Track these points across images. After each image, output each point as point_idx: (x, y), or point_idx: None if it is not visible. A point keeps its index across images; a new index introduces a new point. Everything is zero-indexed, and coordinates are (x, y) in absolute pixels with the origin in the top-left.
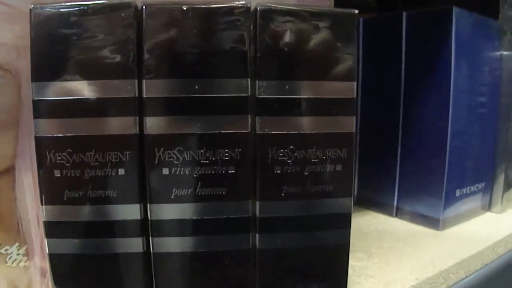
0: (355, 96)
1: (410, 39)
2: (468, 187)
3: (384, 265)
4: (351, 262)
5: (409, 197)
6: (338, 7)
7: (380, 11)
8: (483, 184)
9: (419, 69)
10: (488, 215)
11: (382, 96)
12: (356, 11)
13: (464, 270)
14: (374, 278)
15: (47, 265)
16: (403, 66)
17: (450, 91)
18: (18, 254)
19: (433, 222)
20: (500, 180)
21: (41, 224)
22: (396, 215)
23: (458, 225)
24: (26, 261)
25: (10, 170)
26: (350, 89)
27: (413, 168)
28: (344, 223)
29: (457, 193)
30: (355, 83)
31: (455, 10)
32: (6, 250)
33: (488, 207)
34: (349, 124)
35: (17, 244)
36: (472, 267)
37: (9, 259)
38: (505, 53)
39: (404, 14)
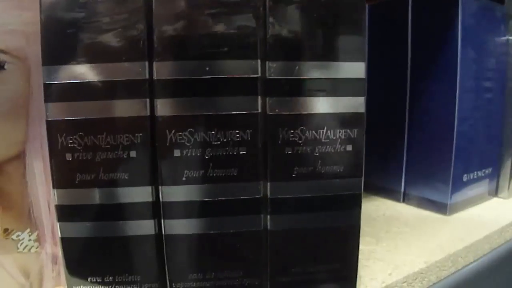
0: (364, 76)
1: (416, 25)
2: (475, 172)
3: (392, 249)
4: (360, 246)
5: (417, 182)
6: None
7: None
8: (490, 169)
9: (425, 55)
10: (495, 200)
11: (388, 82)
12: None
13: (472, 254)
14: (383, 261)
15: (58, 251)
16: (409, 52)
17: (457, 77)
18: (29, 240)
19: (440, 207)
20: (507, 165)
21: (52, 210)
22: (404, 201)
23: (465, 210)
24: (38, 247)
25: (20, 156)
26: (359, 69)
27: (420, 153)
28: (354, 203)
29: (465, 178)
30: (365, 63)
31: None
32: (18, 236)
33: (495, 192)
34: (359, 104)
35: (28, 230)
36: (480, 252)
37: (21, 245)
38: (511, 38)
39: None
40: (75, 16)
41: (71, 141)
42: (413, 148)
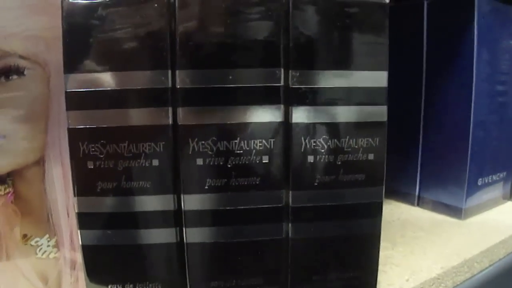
0: (386, 85)
1: (432, 28)
2: (490, 176)
3: (408, 254)
4: None
5: (431, 186)
6: None
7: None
8: (504, 173)
9: (440, 58)
10: (509, 204)
11: (403, 85)
12: (387, 0)
13: (488, 259)
14: (400, 267)
15: (76, 256)
16: (424, 54)
17: (473, 80)
18: (48, 246)
19: (455, 211)
20: None
21: (71, 216)
22: (418, 205)
23: (480, 215)
24: (56, 252)
25: (40, 162)
26: (381, 78)
27: (435, 157)
28: (375, 212)
29: (479, 182)
30: (387, 72)
31: None
32: (37, 241)
33: (509, 196)
34: (381, 113)
35: (47, 235)
36: (496, 256)
37: (39, 250)
38: None
39: (425, 2)
40: (97, 24)
41: (93, 149)
42: (428, 152)
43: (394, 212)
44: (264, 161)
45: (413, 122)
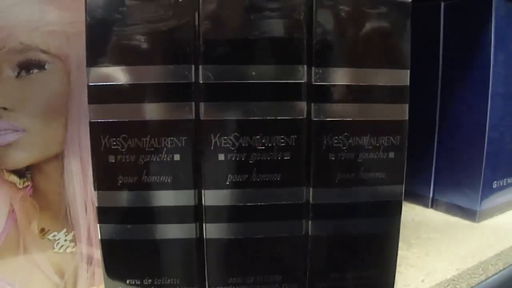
0: (408, 83)
1: (448, 30)
2: (505, 179)
3: (423, 255)
4: None
5: (446, 188)
6: None
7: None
8: None
9: (457, 59)
10: None
11: (419, 86)
12: (410, 0)
13: (502, 262)
14: (415, 268)
15: (93, 252)
16: (441, 56)
17: (489, 82)
18: (65, 240)
19: (470, 214)
20: None
21: (89, 211)
22: (432, 206)
23: (495, 217)
24: (73, 247)
25: (59, 156)
26: (404, 76)
27: (450, 159)
28: (395, 210)
29: (494, 185)
30: (408, 71)
31: None
32: (54, 236)
33: None
34: (402, 111)
35: (64, 230)
36: (510, 259)
37: (57, 245)
38: None
39: (442, 3)
40: (121, 18)
41: (114, 143)
42: (443, 154)
43: (408, 213)
44: (285, 158)
45: (429, 123)
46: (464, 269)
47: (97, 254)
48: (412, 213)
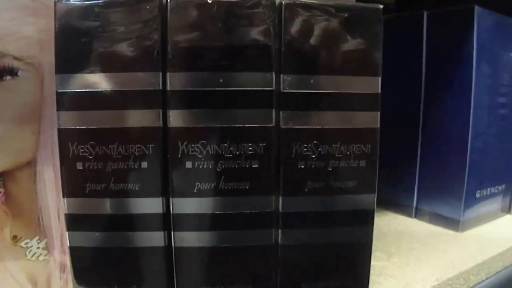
0: (379, 91)
1: (431, 39)
2: (489, 189)
3: (404, 265)
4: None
5: (429, 198)
6: None
7: (400, 12)
8: (503, 186)
9: (440, 69)
10: (508, 217)
11: (402, 96)
12: (381, 6)
13: (484, 272)
14: (394, 278)
15: (66, 259)
16: (423, 66)
17: (472, 92)
18: (38, 248)
19: (453, 224)
20: None
21: (62, 218)
22: (415, 216)
23: (478, 227)
24: (46, 255)
25: (31, 163)
26: (375, 83)
27: (433, 168)
28: (367, 219)
29: (478, 195)
30: (380, 78)
31: (477, 9)
32: (27, 243)
33: (508, 209)
34: (374, 119)
35: (37, 237)
36: (493, 269)
37: (29, 252)
38: None
39: (425, 13)
40: (90, 25)
41: (82, 150)
42: (426, 163)
43: (390, 223)
44: (254, 166)
45: (411, 133)
46: (444, 279)
47: None
48: (394, 223)
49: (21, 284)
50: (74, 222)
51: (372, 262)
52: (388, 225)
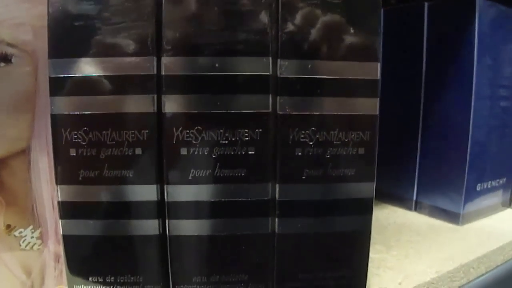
0: (379, 77)
1: (432, 30)
2: (489, 182)
3: (403, 258)
4: (370, 253)
5: (429, 191)
6: None
7: (401, 3)
8: (504, 179)
9: (440, 61)
10: (508, 211)
11: (402, 88)
12: None
13: (484, 265)
14: (393, 270)
15: (61, 249)
16: (424, 57)
17: (473, 84)
18: (32, 237)
19: (453, 217)
20: None
21: (56, 207)
22: (415, 209)
23: (478, 221)
24: (40, 244)
25: (25, 151)
26: (373, 70)
27: (433, 161)
28: (365, 208)
29: (478, 188)
30: (379, 64)
31: (478, 0)
32: (20, 232)
33: (508, 203)
34: (373, 106)
35: (31, 226)
36: (493, 263)
37: (23, 242)
38: None
39: (426, 4)
40: (84, 10)
41: (75, 136)
42: (426, 156)
43: (390, 216)
44: (250, 152)
45: (412, 125)
46: (444, 272)
47: None
48: (394, 216)
49: (15, 274)
50: (67, 210)
51: (371, 255)
52: (388, 218)
